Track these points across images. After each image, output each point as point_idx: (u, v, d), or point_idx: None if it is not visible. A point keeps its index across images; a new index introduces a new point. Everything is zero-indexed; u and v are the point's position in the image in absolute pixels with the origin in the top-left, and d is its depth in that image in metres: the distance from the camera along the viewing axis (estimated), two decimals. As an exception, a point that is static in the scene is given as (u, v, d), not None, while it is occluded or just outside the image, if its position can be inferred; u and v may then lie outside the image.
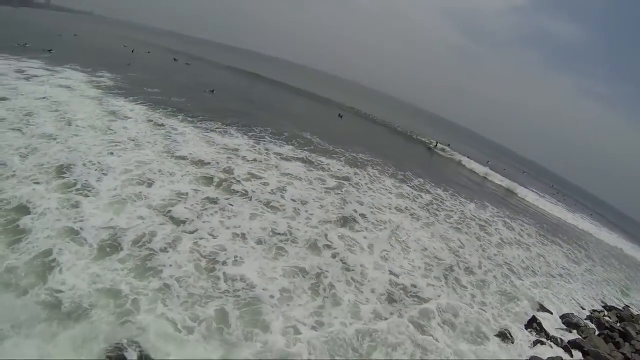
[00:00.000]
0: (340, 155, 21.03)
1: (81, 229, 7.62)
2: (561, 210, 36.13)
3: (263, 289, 7.59)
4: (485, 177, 35.33)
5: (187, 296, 6.75)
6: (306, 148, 20.06)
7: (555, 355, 8.79)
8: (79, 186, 9.17)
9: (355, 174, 18.41)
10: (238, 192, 11.74)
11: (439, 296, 9.82)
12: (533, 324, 10.10)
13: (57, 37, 39.78)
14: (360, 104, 59.09)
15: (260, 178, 13.39)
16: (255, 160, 15.21)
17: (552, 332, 10.10)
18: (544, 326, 10.12)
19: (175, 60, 48.75)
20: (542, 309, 11.47)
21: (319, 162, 18.14)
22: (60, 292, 5.91)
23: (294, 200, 12.44)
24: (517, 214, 25.10)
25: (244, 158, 15.02)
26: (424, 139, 44.92)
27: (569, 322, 11.19)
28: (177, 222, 9.03)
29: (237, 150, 15.74)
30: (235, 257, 8.38)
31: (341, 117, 42.06)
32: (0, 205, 7.60)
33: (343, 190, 15.26)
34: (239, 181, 12.50)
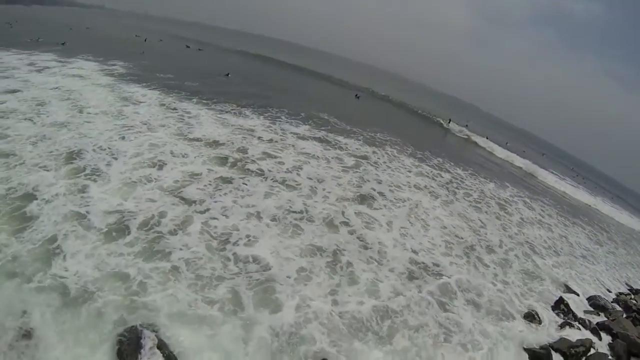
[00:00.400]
0: (358, 135, 20.45)
1: (88, 212, 7.36)
2: (582, 192, 34.63)
3: (278, 269, 7.23)
4: (504, 159, 33.89)
5: (197, 278, 6.43)
6: (323, 128, 19.57)
7: (583, 337, 8.24)
8: (87, 171, 8.94)
9: (374, 152, 17.86)
10: (253, 171, 11.40)
11: (461, 274, 9.32)
12: (560, 305, 9.62)
13: (69, 30, 39.70)
14: (376, 85, 57.51)
15: (276, 157, 13.01)
16: (271, 140, 14.81)
17: (580, 314, 9.59)
18: (571, 307, 9.62)
19: (187, 47, 48.34)
20: (568, 289, 10.94)
21: (336, 141, 17.62)
22: (64, 277, 5.66)
23: (310, 179, 12.03)
24: (537, 195, 24.16)
25: (259, 138, 14.66)
26: (440, 120, 43.32)
27: (595, 304, 10.62)
28: (189, 202, 8.73)
29: (252, 130, 15.38)
30: (249, 236, 8.03)
31: (358, 97, 41.34)
32: (7, 193, 7.36)
33: (361, 168, 14.76)
34: (253, 160, 12.14)
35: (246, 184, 10.37)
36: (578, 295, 10.80)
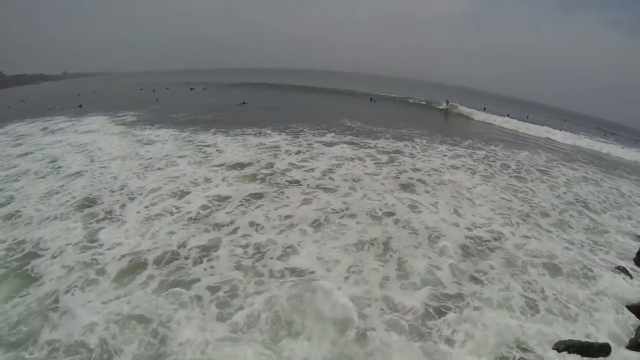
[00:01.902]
0: (384, 133, 19.62)
1: (96, 261, 6.54)
2: (615, 148, 31.87)
3: (323, 272, 6.31)
4: (529, 132, 31.51)
5: (224, 305, 5.44)
6: (348, 132, 18.78)
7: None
8: (100, 216, 8.33)
9: (405, 145, 16.96)
10: (284, 183, 10.62)
11: (525, 242, 8.19)
12: (644, 257, 8.30)
13: (77, 96, 40.40)
14: (385, 89, 56.32)
15: (306, 166, 12.24)
16: (298, 152, 14.00)
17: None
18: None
19: (191, 89, 48.42)
20: (640, 239, 9.57)
21: (364, 142, 16.71)
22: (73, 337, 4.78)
23: (346, 180, 11.15)
24: (573, 157, 22.52)
25: (286, 152, 13.90)
26: (454, 109, 40.88)
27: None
28: (217, 227, 7.90)
29: (277, 147, 14.61)
30: (288, 247, 7.12)
31: (373, 100, 40.66)
32: (7, 254, 6.76)
33: (396, 161, 13.89)
34: (283, 173, 11.39)
35: (279, 196, 9.59)
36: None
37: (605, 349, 4.67)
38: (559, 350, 4.68)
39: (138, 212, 8.43)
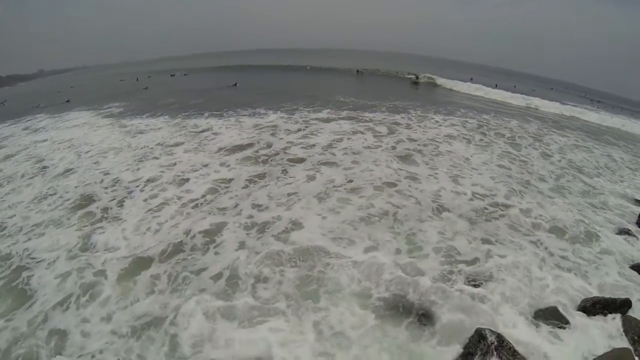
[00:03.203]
0: (379, 107, 19.59)
1: (90, 265, 6.10)
2: (603, 115, 31.45)
3: (330, 247, 6.17)
4: (515, 102, 30.89)
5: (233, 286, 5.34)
6: (344, 107, 18.65)
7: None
8: (98, 216, 7.84)
9: (402, 117, 17.00)
10: (287, 161, 10.51)
11: (531, 209, 8.16)
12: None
13: (57, 93, 38.75)
14: (374, 63, 54.69)
15: (307, 143, 12.15)
16: (298, 130, 13.77)
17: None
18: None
19: (172, 75, 46.64)
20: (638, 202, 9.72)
21: (361, 116, 16.69)
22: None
23: (347, 154, 11.16)
24: (563, 125, 22.66)
25: (285, 130, 13.67)
26: (436, 81, 39.79)
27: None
28: (221, 211, 7.70)
29: (274, 126, 14.35)
30: (294, 221, 7.05)
31: (360, 73, 40.71)
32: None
33: (395, 132, 14.04)
34: (285, 152, 11.25)
35: (283, 175, 9.51)
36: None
37: (627, 304, 4.93)
38: (586, 307, 4.92)
39: (135, 206, 8.11)
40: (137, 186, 9.02)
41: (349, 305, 4.85)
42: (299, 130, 13.66)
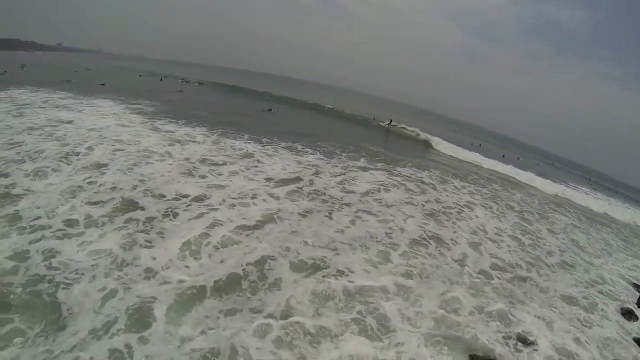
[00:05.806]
0: (406, 162, 20.46)
1: (126, 289, 5.43)
2: (601, 203, 31.78)
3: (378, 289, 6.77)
4: (522, 180, 30.82)
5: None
6: (378, 159, 19.39)
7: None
8: (141, 227, 7.25)
9: (429, 176, 17.97)
10: (332, 203, 10.87)
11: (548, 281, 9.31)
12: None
13: (74, 72, 38.22)
14: (380, 114, 53.92)
15: (349, 188, 12.71)
16: (340, 174, 14.31)
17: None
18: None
19: (187, 82, 47.25)
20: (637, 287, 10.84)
21: (394, 170, 17.37)
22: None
23: (384, 206, 11.75)
24: (561, 204, 23.43)
25: (330, 173, 14.11)
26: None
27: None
28: (272, 244, 7.63)
29: (316, 165, 14.71)
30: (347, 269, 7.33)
31: (390, 124, 39.94)
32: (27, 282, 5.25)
33: (427, 193, 14.80)
34: (331, 195, 11.56)
35: (329, 216, 9.88)
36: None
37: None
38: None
39: (179, 224, 7.64)
40: (184, 204, 8.39)
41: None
42: (340, 174, 14.05)
